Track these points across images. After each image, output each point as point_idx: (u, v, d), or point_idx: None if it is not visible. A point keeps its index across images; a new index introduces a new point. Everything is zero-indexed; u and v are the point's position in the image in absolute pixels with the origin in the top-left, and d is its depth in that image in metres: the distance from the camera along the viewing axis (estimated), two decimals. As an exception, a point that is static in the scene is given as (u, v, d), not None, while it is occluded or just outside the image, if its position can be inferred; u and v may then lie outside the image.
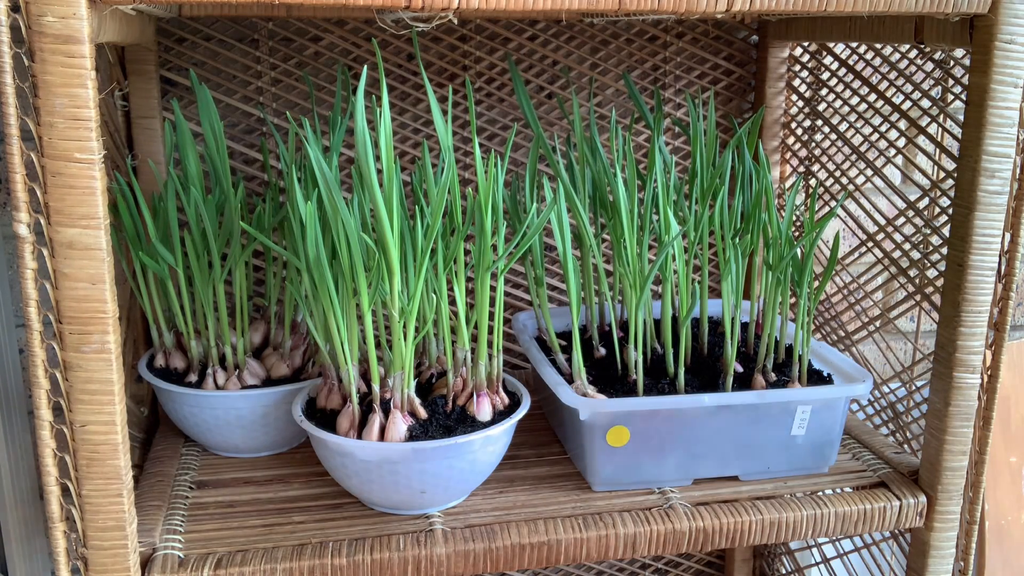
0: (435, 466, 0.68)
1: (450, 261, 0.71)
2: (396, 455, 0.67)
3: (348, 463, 0.69)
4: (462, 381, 0.74)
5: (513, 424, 0.72)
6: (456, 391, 0.74)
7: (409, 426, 0.69)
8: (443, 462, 0.68)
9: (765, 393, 0.75)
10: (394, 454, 0.67)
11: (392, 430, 0.68)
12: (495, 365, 0.74)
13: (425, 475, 0.68)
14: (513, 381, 0.78)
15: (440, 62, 0.95)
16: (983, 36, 0.68)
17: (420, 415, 0.70)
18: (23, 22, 0.52)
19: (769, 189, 0.79)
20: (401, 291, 0.67)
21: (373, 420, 0.68)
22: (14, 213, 0.55)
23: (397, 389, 0.69)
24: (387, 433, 0.68)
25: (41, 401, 0.58)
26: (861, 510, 0.75)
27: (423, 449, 0.66)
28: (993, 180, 0.70)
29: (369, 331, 0.68)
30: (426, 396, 0.74)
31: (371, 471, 0.68)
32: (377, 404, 0.69)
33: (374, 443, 0.67)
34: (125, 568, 0.61)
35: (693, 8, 0.62)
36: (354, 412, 0.69)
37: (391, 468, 0.68)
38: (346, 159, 0.95)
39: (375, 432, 0.68)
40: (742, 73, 1.02)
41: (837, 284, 1.02)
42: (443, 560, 0.67)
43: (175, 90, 0.90)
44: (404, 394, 0.70)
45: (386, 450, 0.67)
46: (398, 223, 0.66)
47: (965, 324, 0.73)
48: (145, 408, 0.87)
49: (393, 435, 0.68)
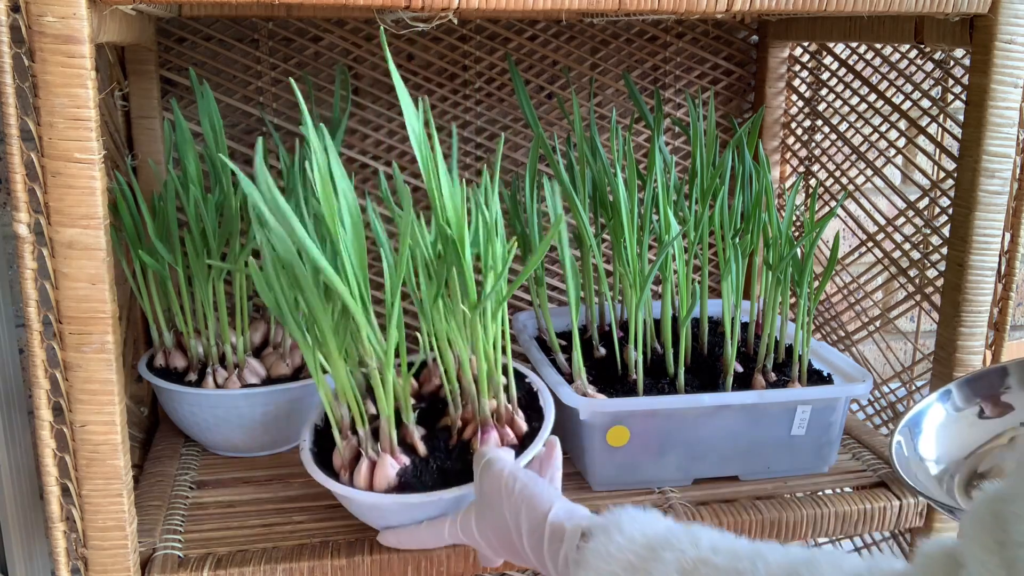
0: (424, 512, 0.64)
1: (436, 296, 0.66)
2: (383, 503, 0.63)
3: (344, 502, 0.68)
4: (470, 412, 0.68)
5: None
6: (463, 423, 0.68)
7: (400, 469, 0.64)
8: (432, 509, 0.64)
9: (765, 393, 0.75)
10: (380, 502, 0.63)
11: (380, 475, 0.64)
12: (502, 398, 0.68)
13: (416, 519, 0.65)
14: (544, 397, 0.72)
15: (440, 62, 0.95)
16: (983, 36, 0.68)
17: (419, 451, 0.66)
18: (23, 22, 0.52)
19: (769, 189, 0.79)
20: (372, 337, 0.63)
21: (362, 463, 0.64)
22: (14, 213, 0.55)
23: (384, 433, 0.65)
24: (375, 478, 0.64)
25: (41, 401, 0.58)
26: (861, 510, 0.75)
27: (407, 502, 0.63)
28: (993, 180, 0.70)
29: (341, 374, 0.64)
30: (437, 422, 0.70)
31: (364, 513, 0.67)
32: (365, 448, 0.65)
33: (359, 492, 0.64)
34: (125, 568, 0.61)
35: (693, 8, 0.62)
36: (342, 454, 0.66)
37: (379, 514, 0.65)
38: (346, 159, 0.95)
39: (363, 476, 0.64)
40: (742, 73, 1.02)
41: (837, 284, 1.02)
42: (443, 560, 0.67)
43: (175, 90, 0.90)
44: (390, 438, 0.65)
45: (372, 498, 0.63)
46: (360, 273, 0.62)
47: (965, 324, 0.73)
48: (145, 408, 0.87)
49: (380, 481, 0.64)
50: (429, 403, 0.73)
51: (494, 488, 0.59)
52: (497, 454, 0.62)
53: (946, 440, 0.71)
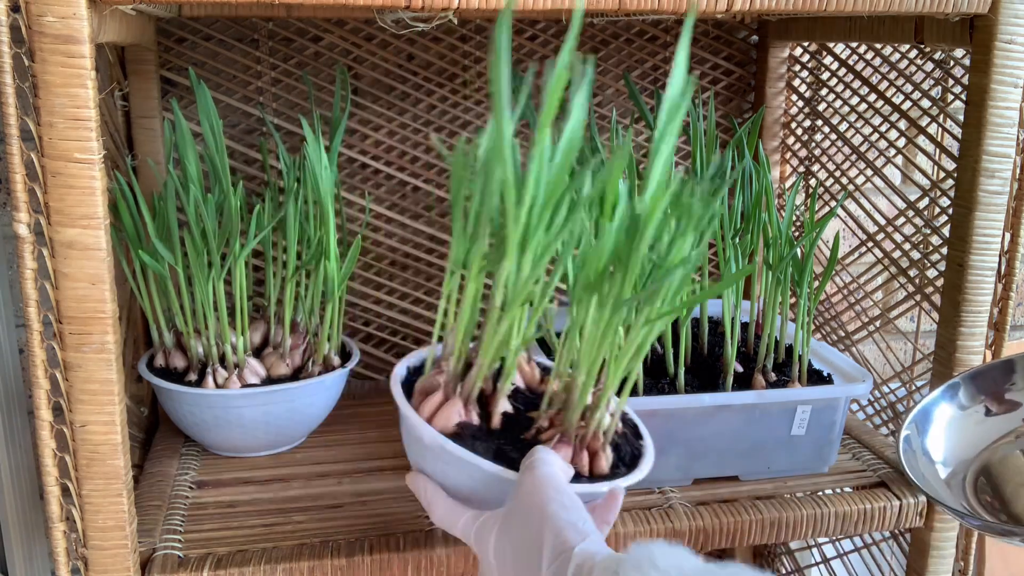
0: (455, 471, 0.59)
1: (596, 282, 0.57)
2: (423, 436, 0.59)
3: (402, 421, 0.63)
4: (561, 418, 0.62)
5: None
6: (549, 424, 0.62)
7: (463, 422, 0.60)
8: (462, 474, 0.59)
9: (765, 393, 0.75)
10: (422, 433, 0.59)
11: (442, 415, 0.60)
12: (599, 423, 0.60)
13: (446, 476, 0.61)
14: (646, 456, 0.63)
15: (440, 62, 0.95)
16: (983, 36, 0.68)
17: (493, 421, 0.61)
18: (23, 22, 0.52)
19: (769, 189, 0.79)
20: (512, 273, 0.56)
21: (435, 394, 0.60)
22: (14, 213, 0.55)
23: (471, 379, 0.60)
24: (437, 415, 0.60)
25: (41, 401, 0.58)
26: (861, 510, 0.75)
27: (444, 448, 0.58)
28: (993, 180, 0.70)
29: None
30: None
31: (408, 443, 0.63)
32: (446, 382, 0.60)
33: (413, 414, 0.59)
34: (125, 568, 0.61)
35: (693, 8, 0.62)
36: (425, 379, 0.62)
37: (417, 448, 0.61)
38: (346, 159, 0.95)
39: (429, 406, 0.60)
40: (742, 73, 1.02)
41: (837, 284, 1.02)
42: (443, 560, 0.67)
43: (175, 90, 0.90)
44: (472, 385, 0.60)
45: (418, 426, 0.59)
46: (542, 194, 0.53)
47: (965, 324, 0.73)
48: (145, 408, 0.87)
49: (439, 420, 0.59)
50: (538, 396, 0.66)
51: (532, 491, 0.53)
52: (549, 457, 0.56)
53: (953, 440, 0.71)
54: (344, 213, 0.90)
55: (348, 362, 0.84)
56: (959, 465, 0.70)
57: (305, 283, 0.84)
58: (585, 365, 0.59)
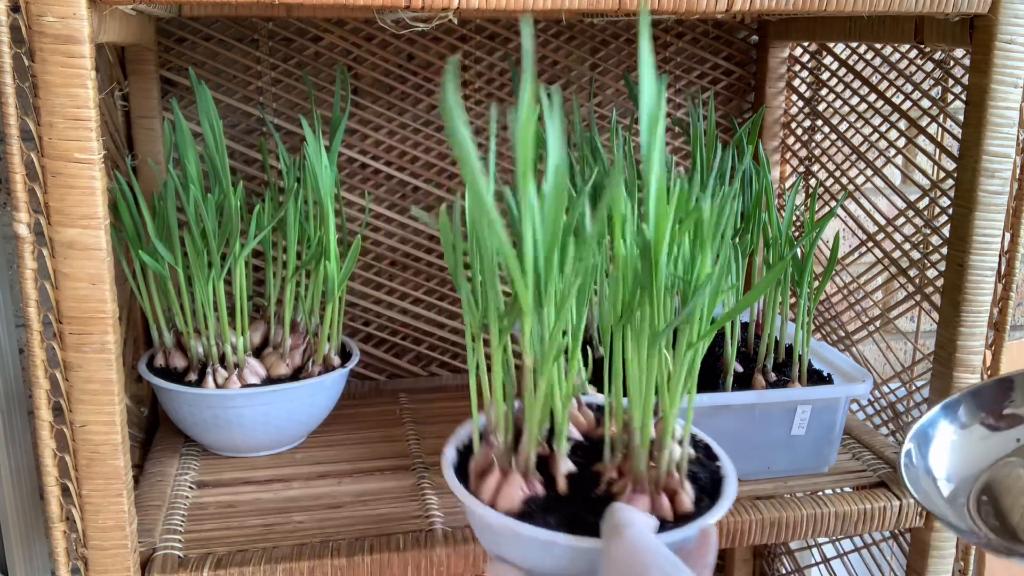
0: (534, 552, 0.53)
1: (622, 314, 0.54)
2: (492, 522, 0.54)
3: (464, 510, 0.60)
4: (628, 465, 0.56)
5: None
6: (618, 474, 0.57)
7: (528, 497, 0.54)
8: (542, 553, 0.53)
9: (765, 393, 0.75)
10: (491, 520, 0.54)
11: (505, 494, 0.54)
12: (668, 459, 0.55)
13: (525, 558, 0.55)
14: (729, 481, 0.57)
15: (440, 62, 0.95)
16: (983, 36, 0.68)
17: (558, 486, 0.56)
18: (23, 22, 0.52)
19: (769, 189, 0.79)
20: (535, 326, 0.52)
21: (491, 475, 0.55)
22: (14, 213, 0.55)
23: (524, 450, 0.55)
24: (500, 495, 0.54)
25: (41, 401, 0.58)
26: (861, 510, 0.75)
27: (517, 531, 0.52)
28: (993, 180, 0.70)
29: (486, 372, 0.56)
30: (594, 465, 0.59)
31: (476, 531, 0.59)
32: (499, 458, 0.56)
33: (476, 501, 0.54)
34: (125, 568, 0.61)
35: (693, 8, 0.62)
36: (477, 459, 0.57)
37: (489, 535, 0.56)
38: (346, 159, 0.95)
39: (488, 488, 0.55)
40: (742, 73, 1.02)
41: (837, 284, 1.02)
42: (443, 560, 0.67)
43: (175, 90, 0.90)
44: (528, 456, 0.55)
45: (485, 513, 0.54)
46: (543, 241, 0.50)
47: (965, 324, 0.73)
48: (145, 408, 0.87)
49: (504, 501, 0.54)
50: (595, 443, 0.61)
51: (624, 561, 0.48)
52: (633, 518, 0.51)
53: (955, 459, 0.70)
54: (344, 213, 0.90)
55: (348, 362, 0.84)
56: (962, 483, 0.69)
57: (305, 283, 0.84)
58: (638, 402, 0.55)
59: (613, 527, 0.50)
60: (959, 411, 0.71)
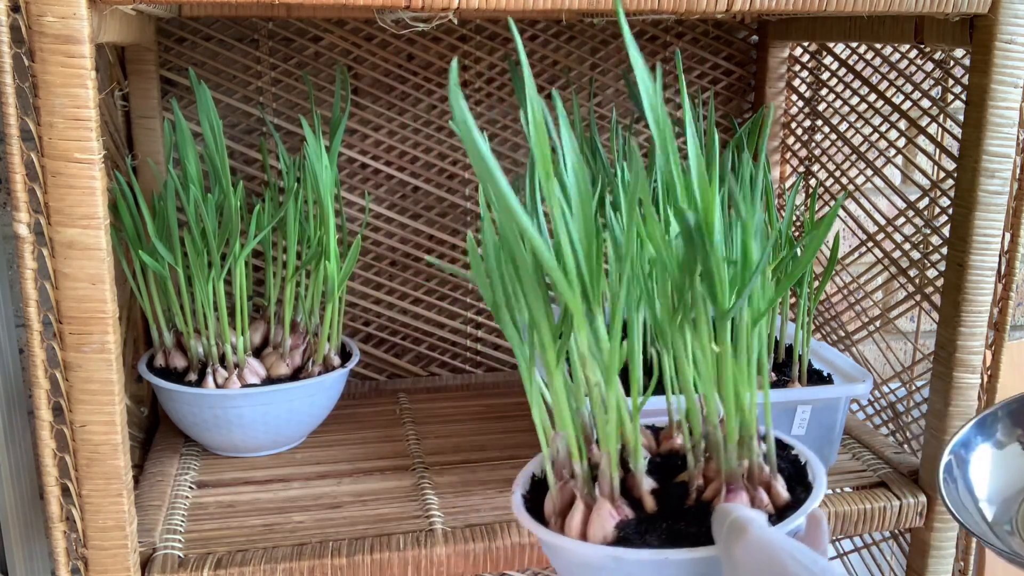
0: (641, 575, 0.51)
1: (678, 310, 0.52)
2: (593, 556, 0.51)
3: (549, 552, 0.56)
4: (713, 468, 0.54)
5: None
6: (705, 481, 0.54)
7: (620, 522, 0.51)
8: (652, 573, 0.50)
9: (765, 393, 0.75)
10: (592, 554, 0.51)
11: (595, 525, 0.51)
12: (756, 453, 0.53)
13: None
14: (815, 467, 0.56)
15: (440, 62, 0.95)
16: (983, 36, 0.68)
17: (646, 506, 0.53)
18: (23, 22, 0.52)
19: (769, 189, 0.79)
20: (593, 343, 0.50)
21: (576, 509, 0.52)
22: (14, 213, 0.55)
23: (605, 475, 0.52)
24: (590, 527, 0.51)
25: (41, 401, 0.58)
26: (861, 510, 0.75)
27: (623, 558, 0.50)
28: (993, 180, 0.70)
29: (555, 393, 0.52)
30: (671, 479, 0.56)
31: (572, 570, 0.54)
32: (580, 490, 0.52)
33: (569, 540, 0.51)
34: (125, 568, 0.61)
35: (693, 8, 0.62)
36: (554, 498, 0.54)
37: (590, 572, 0.52)
38: (346, 159, 0.95)
39: (575, 523, 0.52)
40: (742, 73, 1.02)
41: (837, 284, 1.02)
42: (443, 560, 0.67)
43: (175, 90, 0.90)
44: (611, 480, 0.52)
45: (582, 548, 0.51)
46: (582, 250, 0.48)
47: (965, 324, 0.73)
48: (145, 408, 0.87)
49: (595, 532, 0.51)
50: (665, 459, 0.59)
51: (755, 559, 0.46)
52: (751, 516, 0.48)
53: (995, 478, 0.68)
54: (344, 213, 0.90)
55: (348, 362, 0.84)
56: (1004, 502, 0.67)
57: (305, 283, 0.84)
58: (712, 399, 0.52)
59: (732, 528, 0.47)
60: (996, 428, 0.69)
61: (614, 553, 0.49)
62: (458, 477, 0.79)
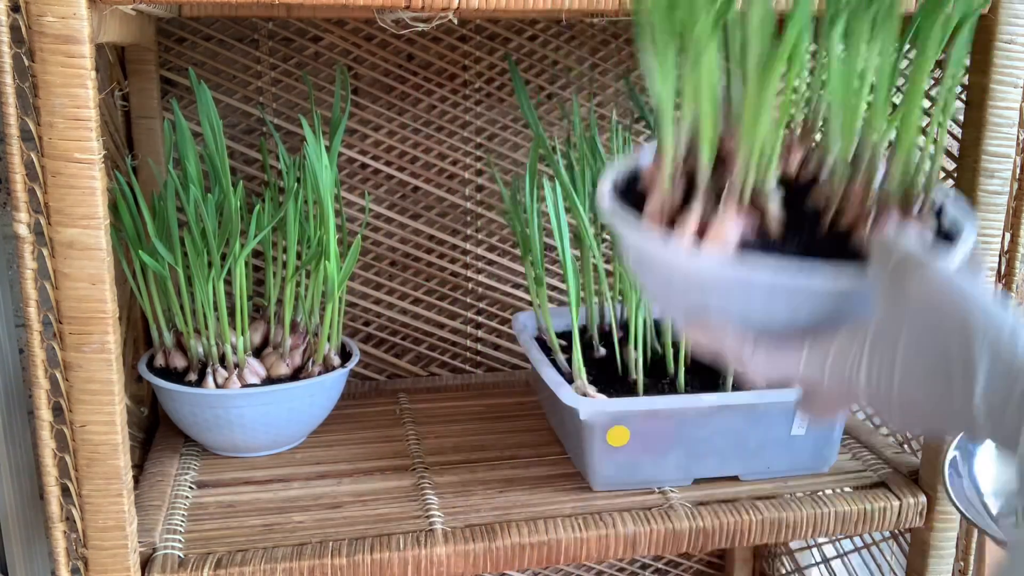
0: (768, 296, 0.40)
1: None
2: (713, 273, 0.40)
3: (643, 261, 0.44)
4: (858, 191, 0.43)
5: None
6: (847, 203, 0.43)
7: (746, 238, 0.41)
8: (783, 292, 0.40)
9: (765, 393, 0.75)
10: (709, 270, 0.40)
11: (716, 232, 0.41)
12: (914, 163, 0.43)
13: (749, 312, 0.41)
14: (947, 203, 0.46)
15: (440, 62, 0.95)
16: (983, 36, 0.68)
17: (769, 225, 0.42)
18: (23, 22, 0.52)
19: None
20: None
21: (691, 213, 0.41)
22: (14, 213, 0.55)
23: (739, 172, 0.42)
24: (708, 236, 0.41)
25: (41, 401, 0.58)
26: (861, 510, 0.75)
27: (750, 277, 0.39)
28: (993, 180, 0.70)
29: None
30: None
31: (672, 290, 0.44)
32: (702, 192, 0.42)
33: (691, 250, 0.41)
34: (125, 568, 0.61)
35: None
36: (662, 201, 0.43)
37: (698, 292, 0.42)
38: (346, 159, 0.95)
39: (689, 230, 0.41)
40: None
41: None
42: (443, 560, 0.67)
43: (175, 90, 0.90)
44: (745, 180, 0.42)
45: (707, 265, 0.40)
46: None
47: (965, 324, 0.73)
48: (145, 408, 0.87)
49: (715, 241, 0.41)
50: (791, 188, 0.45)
51: (932, 302, 0.39)
52: (929, 253, 0.40)
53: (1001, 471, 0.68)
54: (344, 213, 0.90)
55: (348, 362, 0.84)
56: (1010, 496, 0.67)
57: (305, 283, 0.84)
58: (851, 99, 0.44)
59: (907, 262, 0.40)
60: None
61: (738, 267, 0.39)
62: (458, 477, 0.79)
